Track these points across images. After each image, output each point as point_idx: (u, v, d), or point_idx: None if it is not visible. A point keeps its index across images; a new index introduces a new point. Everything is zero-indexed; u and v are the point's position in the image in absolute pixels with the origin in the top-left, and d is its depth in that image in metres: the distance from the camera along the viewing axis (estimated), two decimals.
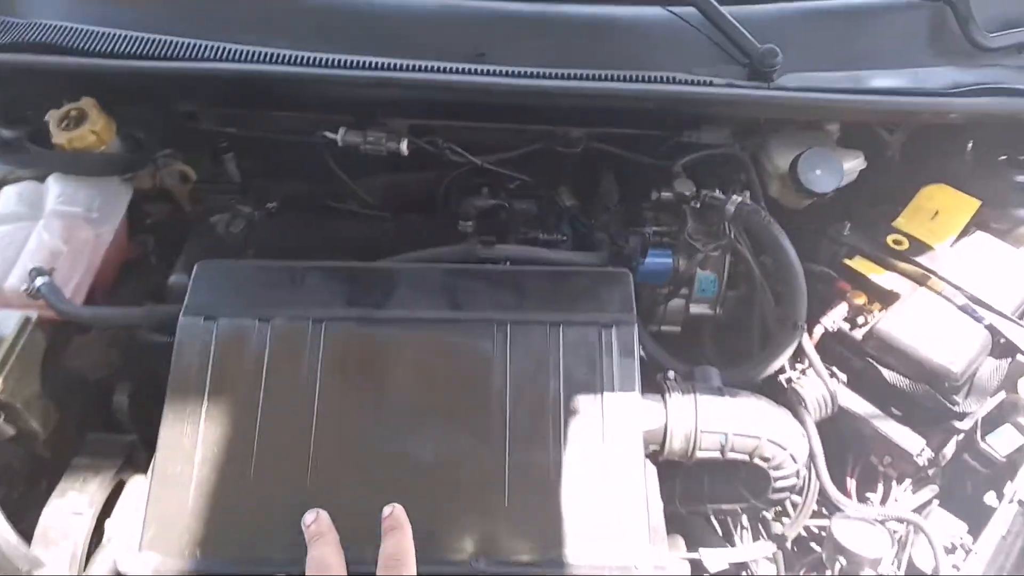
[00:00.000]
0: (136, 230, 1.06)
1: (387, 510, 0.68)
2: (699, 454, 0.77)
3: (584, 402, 0.76)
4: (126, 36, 0.91)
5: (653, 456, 0.79)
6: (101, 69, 0.90)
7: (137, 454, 0.90)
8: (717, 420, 0.77)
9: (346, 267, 0.84)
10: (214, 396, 0.76)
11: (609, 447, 0.74)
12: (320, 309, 0.80)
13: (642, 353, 0.82)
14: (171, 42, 0.91)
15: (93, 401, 0.95)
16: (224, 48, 0.91)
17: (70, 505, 0.82)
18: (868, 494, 0.93)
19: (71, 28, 0.91)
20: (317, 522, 0.68)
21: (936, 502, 0.92)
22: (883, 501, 0.89)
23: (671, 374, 0.82)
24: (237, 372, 0.77)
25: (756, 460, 0.78)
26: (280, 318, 0.79)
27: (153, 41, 0.91)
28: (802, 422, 0.81)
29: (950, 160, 1.07)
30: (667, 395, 0.79)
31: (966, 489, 0.89)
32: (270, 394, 0.76)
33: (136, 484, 0.87)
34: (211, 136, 1.09)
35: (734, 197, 0.89)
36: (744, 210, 0.88)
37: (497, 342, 0.78)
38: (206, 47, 0.91)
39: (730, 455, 0.77)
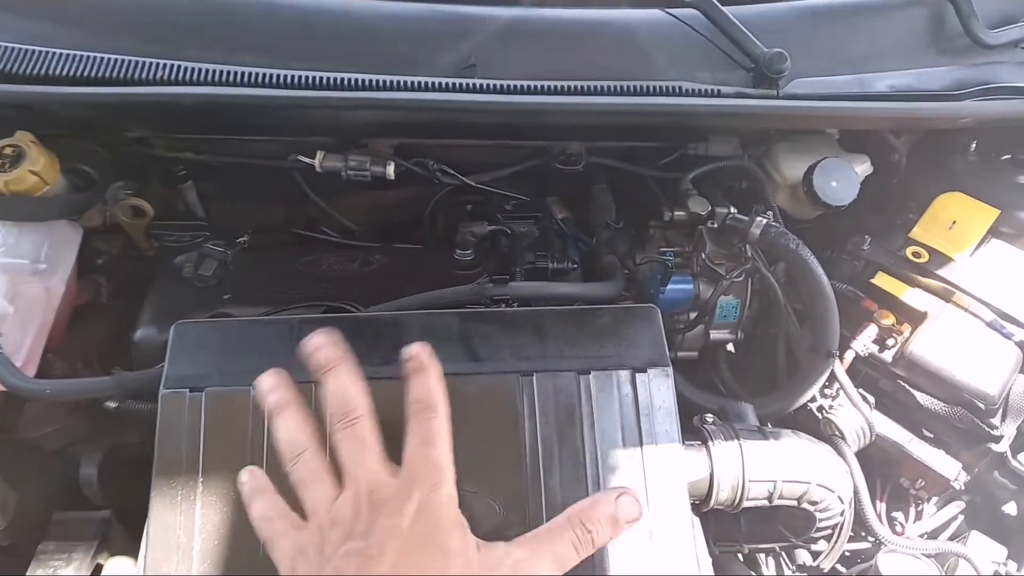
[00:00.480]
0: (86, 270, 0.94)
1: (408, 351, 0.60)
2: (746, 503, 0.73)
3: (622, 458, 0.70)
4: (62, 56, 0.79)
5: (696, 508, 0.74)
6: (34, 98, 0.77)
7: (113, 532, 0.80)
8: (765, 467, 0.72)
9: (348, 319, 0.75)
10: (209, 480, 0.67)
11: (653, 507, 0.68)
12: None
13: None
14: (117, 62, 0.79)
15: (55, 475, 0.85)
16: (180, 67, 0.80)
17: None
18: (893, 513, 0.92)
19: None
20: (326, 348, 0.59)
21: (961, 518, 0.91)
22: (914, 523, 0.87)
23: (709, 417, 0.76)
24: (234, 450, 0.67)
25: (804, 504, 0.73)
26: None
27: (95, 61, 0.78)
28: (844, 457, 0.78)
29: (954, 162, 1.04)
30: (710, 442, 0.73)
31: (995, 506, 0.88)
32: (274, 472, 0.67)
33: (115, 567, 0.78)
34: (166, 163, 0.97)
35: (758, 219, 0.84)
36: (771, 233, 0.83)
37: (522, 395, 0.71)
38: (159, 66, 0.80)
39: (778, 502, 0.73)
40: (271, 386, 0.60)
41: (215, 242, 0.91)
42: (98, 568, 0.77)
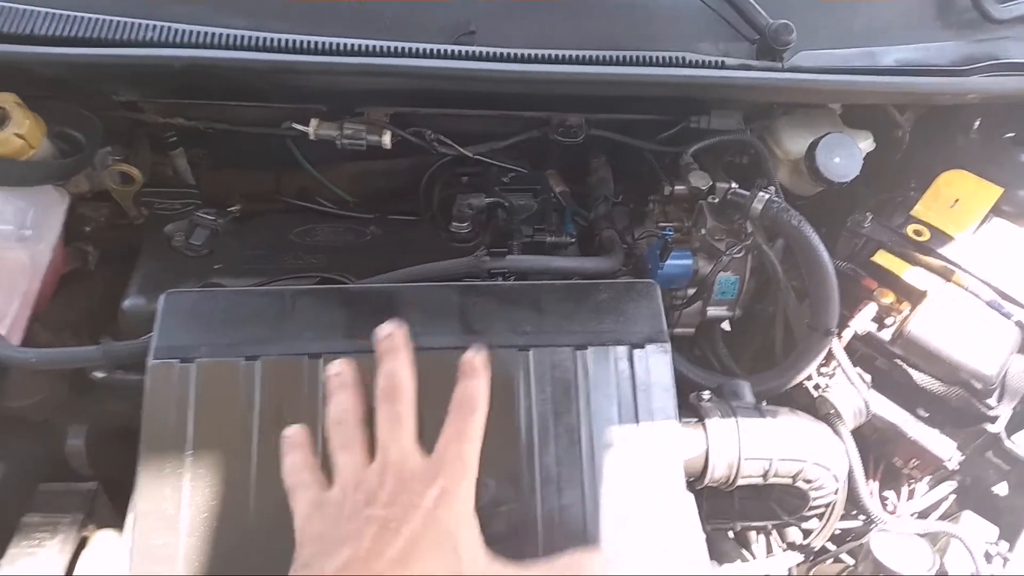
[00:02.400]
0: (73, 237, 0.92)
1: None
2: (741, 481, 0.72)
3: (618, 434, 0.69)
4: (47, 15, 0.76)
5: (690, 486, 0.73)
6: (18, 58, 0.74)
7: (100, 504, 0.79)
8: (760, 445, 0.72)
9: (342, 290, 0.74)
10: (198, 453, 0.65)
11: (648, 484, 0.68)
12: (315, 342, 0.69)
13: None
14: (104, 22, 0.76)
15: (40, 446, 0.83)
16: (169, 29, 0.77)
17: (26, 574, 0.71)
18: (885, 493, 0.92)
19: None
20: (391, 336, 0.62)
21: (952, 497, 0.91)
22: (906, 502, 0.87)
23: (706, 394, 0.76)
24: (224, 422, 0.66)
25: (799, 483, 0.73)
26: (270, 355, 0.68)
27: (81, 21, 0.76)
28: (840, 436, 0.77)
29: (957, 139, 1.03)
30: (706, 420, 0.73)
31: (986, 486, 0.88)
32: (265, 446, 0.66)
33: (102, 540, 0.76)
34: (155, 128, 0.94)
35: (760, 194, 0.82)
36: (772, 208, 0.81)
37: (519, 370, 0.70)
38: (148, 27, 0.77)
39: (773, 480, 0.72)
40: (337, 370, 0.62)
41: (206, 211, 0.89)
42: (84, 540, 0.76)
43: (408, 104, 0.92)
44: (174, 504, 0.64)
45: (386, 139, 0.88)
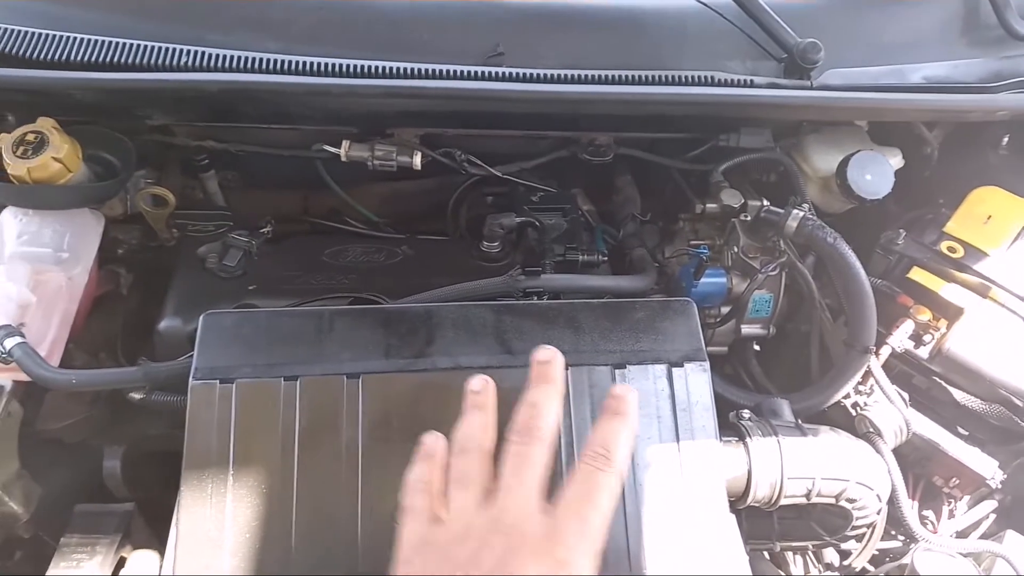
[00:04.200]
0: (106, 259, 0.92)
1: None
2: (784, 501, 0.71)
3: (659, 453, 0.69)
4: (82, 41, 0.77)
5: (731, 506, 0.72)
6: (56, 83, 0.75)
7: (136, 525, 0.79)
8: (803, 465, 0.71)
9: (379, 311, 0.74)
10: (240, 473, 0.65)
11: (689, 504, 0.67)
12: (354, 361, 0.69)
13: None
14: (138, 47, 0.78)
15: (77, 467, 0.84)
16: (203, 54, 0.79)
17: None
18: (924, 512, 0.90)
19: (13, 31, 0.76)
20: (554, 364, 0.60)
21: (993, 516, 0.90)
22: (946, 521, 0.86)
23: (746, 413, 0.75)
24: (265, 442, 0.66)
25: (842, 502, 0.72)
26: (309, 375, 0.68)
27: (116, 46, 0.77)
28: (882, 455, 0.76)
29: (986, 155, 1.03)
30: (747, 439, 0.72)
31: None
32: (306, 465, 0.66)
33: (138, 560, 0.76)
34: (187, 151, 0.95)
35: (794, 212, 0.82)
36: (807, 226, 0.81)
37: None
38: (183, 52, 0.78)
39: (816, 499, 0.71)
40: (479, 388, 0.61)
41: (239, 232, 0.89)
42: (121, 561, 0.76)
43: (438, 125, 0.93)
44: (217, 524, 0.64)
45: (416, 160, 0.89)
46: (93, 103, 0.82)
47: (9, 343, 0.71)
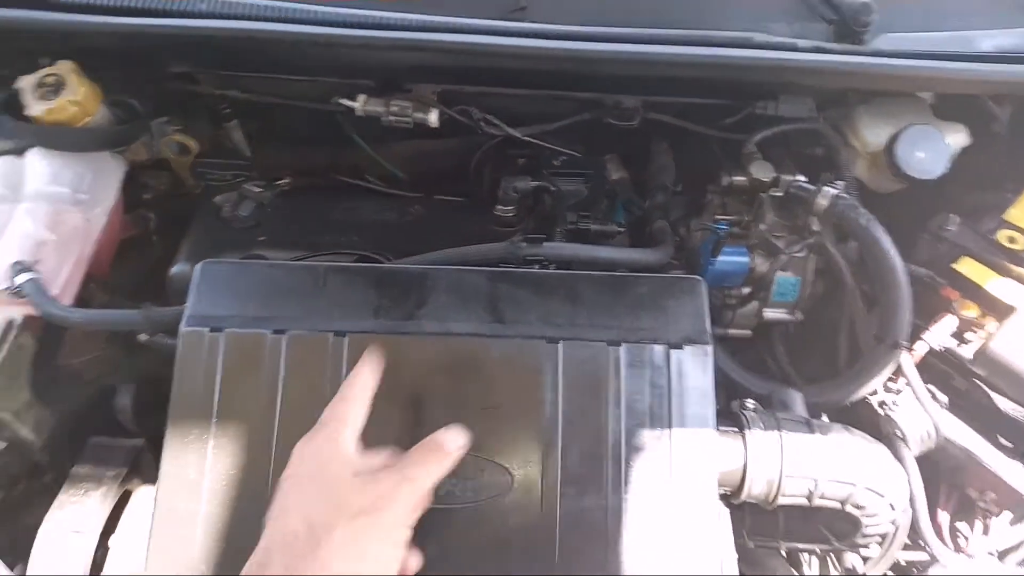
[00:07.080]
0: (134, 204, 0.94)
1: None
2: (782, 500, 0.67)
3: (649, 438, 0.65)
4: None
5: (726, 499, 0.68)
6: (74, 27, 0.76)
7: (144, 460, 0.81)
8: (805, 464, 0.65)
9: (374, 270, 0.72)
10: (222, 421, 0.66)
11: (677, 494, 0.63)
12: (343, 320, 0.68)
13: None
14: None
15: (93, 402, 0.87)
16: (221, 1, 0.78)
17: (70, 522, 0.74)
18: (958, 525, 0.83)
19: None
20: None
21: None
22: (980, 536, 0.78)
23: (750, 403, 0.70)
24: (249, 393, 0.66)
25: (848, 508, 0.67)
26: (297, 329, 0.68)
27: None
28: (902, 461, 0.70)
29: None
30: (746, 430, 0.67)
31: None
32: (287, 418, 0.66)
33: (143, 495, 0.79)
34: (211, 100, 0.96)
35: (826, 189, 0.75)
36: (839, 205, 0.74)
37: (547, 363, 0.67)
38: None
39: (819, 502, 0.66)
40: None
41: (255, 183, 0.89)
42: (127, 494, 0.78)
43: (457, 82, 0.90)
44: (197, 469, 0.65)
45: (432, 117, 0.86)
46: (115, 48, 0.83)
47: (22, 278, 0.73)
